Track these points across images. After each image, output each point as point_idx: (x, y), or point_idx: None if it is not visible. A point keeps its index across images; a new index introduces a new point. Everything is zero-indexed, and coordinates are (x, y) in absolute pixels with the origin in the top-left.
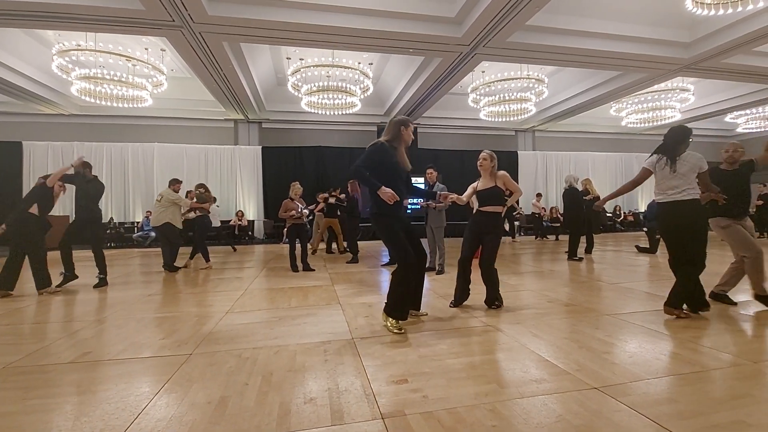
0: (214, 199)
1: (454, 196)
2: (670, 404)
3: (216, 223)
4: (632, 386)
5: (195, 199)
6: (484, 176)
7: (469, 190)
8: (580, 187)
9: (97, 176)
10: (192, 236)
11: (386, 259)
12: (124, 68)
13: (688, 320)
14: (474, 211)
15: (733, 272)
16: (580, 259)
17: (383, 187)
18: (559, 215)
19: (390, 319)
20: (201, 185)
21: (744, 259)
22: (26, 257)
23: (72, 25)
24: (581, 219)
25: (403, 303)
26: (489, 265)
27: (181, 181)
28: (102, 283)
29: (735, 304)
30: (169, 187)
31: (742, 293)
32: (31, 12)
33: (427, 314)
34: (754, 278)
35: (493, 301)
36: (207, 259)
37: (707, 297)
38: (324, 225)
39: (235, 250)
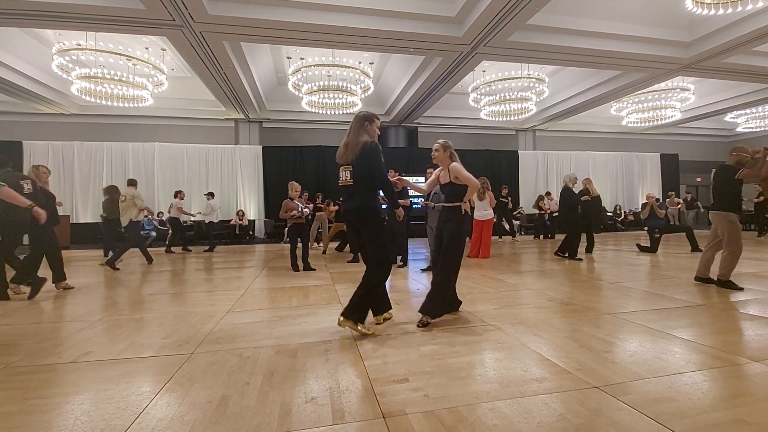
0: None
1: (406, 181)
2: (670, 403)
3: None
4: (633, 385)
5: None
6: (443, 169)
7: (433, 176)
8: (580, 186)
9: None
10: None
11: None
12: (124, 68)
13: (689, 319)
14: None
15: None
16: (580, 259)
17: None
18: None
19: (359, 325)
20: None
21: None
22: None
23: (72, 25)
24: (576, 219)
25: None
26: (442, 266)
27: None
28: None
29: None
30: (130, 186)
31: (742, 292)
32: (31, 11)
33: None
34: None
35: (426, 313)
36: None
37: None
38: (335, 228)
39: (194, 250)
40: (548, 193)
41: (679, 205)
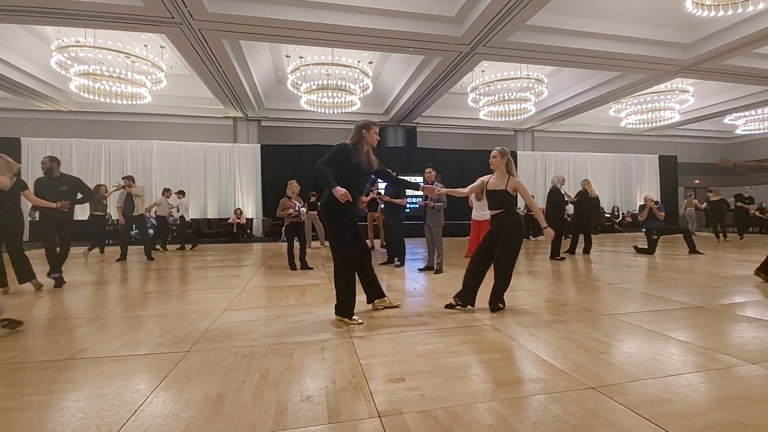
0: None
1: (443, 190)
2: (666, 404)
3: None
4: (629, 386)
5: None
6: (497, 175)
7: (478, 182)
8: (578, 187)
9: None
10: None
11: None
12: (123, 65)
13: (686, 321)
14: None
15: None
16: (562, 258)
17: (338, 186)
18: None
19: (345, 318)
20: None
21: None
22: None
23: (71, 22)
24: (561, 220)
25: (350, 301)
26: (502, 262)
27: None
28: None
29: None
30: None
31: (740, 294)
32: (31, 8)
33: (399, 306)
34: None
35: (497, 303)
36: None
37: None
38: (370, 219)
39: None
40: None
41: (694, 207)
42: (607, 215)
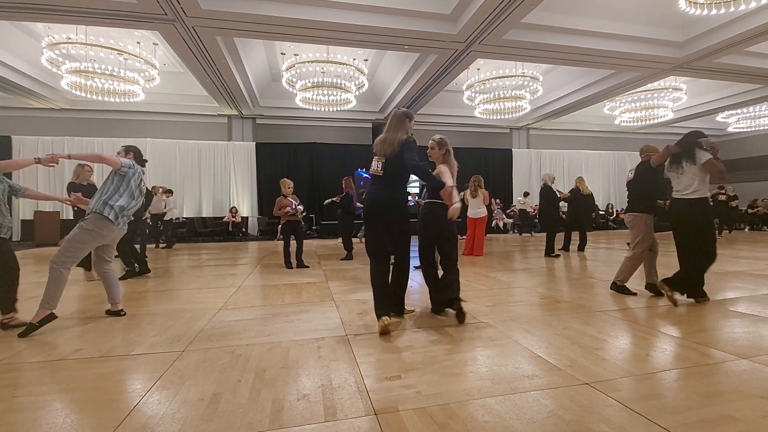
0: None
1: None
2: (659, 399)
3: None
4: (622, 382)
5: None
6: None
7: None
8: (571, 185)
9: None
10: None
11: None
12: (115, 62)
13: (678, 317)
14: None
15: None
16: (557, 255)
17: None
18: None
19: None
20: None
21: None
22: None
23: (63, 18)
24: (556, 217)
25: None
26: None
27: None
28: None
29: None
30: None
31: (732, 290)
32: (22, 4)
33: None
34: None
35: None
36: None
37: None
38: None
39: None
40: (526, 194)
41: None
42: (601, 212)
